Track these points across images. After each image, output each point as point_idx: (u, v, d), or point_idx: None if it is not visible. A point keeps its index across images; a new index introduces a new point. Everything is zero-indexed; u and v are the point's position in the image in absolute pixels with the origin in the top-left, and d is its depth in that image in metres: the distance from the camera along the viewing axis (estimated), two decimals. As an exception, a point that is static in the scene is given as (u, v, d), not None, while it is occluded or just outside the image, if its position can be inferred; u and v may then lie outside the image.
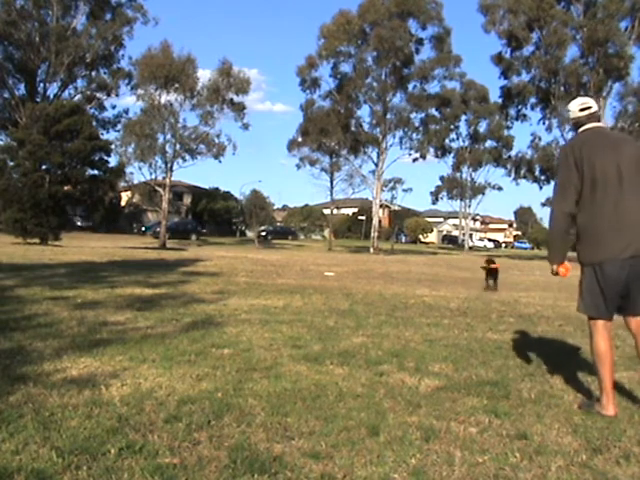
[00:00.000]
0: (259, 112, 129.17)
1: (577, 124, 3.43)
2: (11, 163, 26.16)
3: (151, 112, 33.86)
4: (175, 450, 2.42)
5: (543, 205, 43.91)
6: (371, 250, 37.29)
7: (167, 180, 34.69)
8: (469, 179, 58.01)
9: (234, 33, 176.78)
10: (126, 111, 41.75)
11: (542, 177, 36.87)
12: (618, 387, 3.60)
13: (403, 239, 66.58)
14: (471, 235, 69.85)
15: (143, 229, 48.40)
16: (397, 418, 2.96)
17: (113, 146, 30.41)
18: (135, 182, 38.99)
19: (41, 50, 36.88)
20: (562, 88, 32.24)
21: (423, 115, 39.60)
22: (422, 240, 67.64)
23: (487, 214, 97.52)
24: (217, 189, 59.70)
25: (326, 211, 56.90)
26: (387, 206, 64.18)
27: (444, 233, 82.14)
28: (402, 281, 12.54)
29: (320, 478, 2.25)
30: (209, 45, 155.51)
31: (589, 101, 3.47)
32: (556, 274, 3.47)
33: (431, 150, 42.91)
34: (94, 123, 32.67)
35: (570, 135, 33.37)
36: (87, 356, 3.92)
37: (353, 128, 39.66)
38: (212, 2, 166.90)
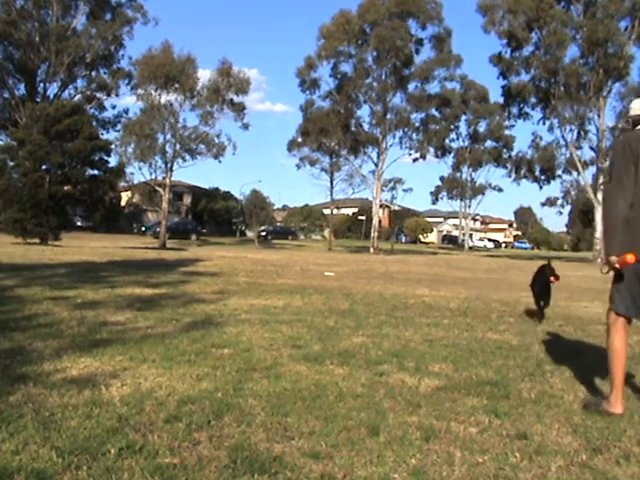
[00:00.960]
0: (259, 112, 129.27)
1: (637, 122, 3.42)
2: (11, 163, 26.20)
3: (151, 112, 33.87)
4: (175, 450, 2.42)
5: (543, 205, 43.79)
6: (371, 250, 37.29)
7: (167, 180, 34.71)
8: (469, 179, 58.03)
9: (234, 33, 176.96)
10: (126, 111, 41.88)
11: (542, 177, 36.85)
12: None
13: (403, 239, 66.59)
14: (471, 235, 69.85)
15: (143, 229, 48.41)
16: (397, 418, 2.96)
17: (113, 146, 30.47)
18: (135, 182, 39.03)
19: (41, 50, 36.91)
20: (562, 88, 32.21)
21: (423, 115, 39.65)
22: (422, 240, 67.66)
23: (487, 214, 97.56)
24: (217, 189, 59.73)
25: (326, 211, 56.91)
26: (387, 206, 64.16)
27: (444, 233, 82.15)
28: (402, 281, 12.53)
29: (320, 478, 2.25)
30: (209, 45, 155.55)
31: None
32: (622, 265, 3.14)
33: (431, 150, 42.96)
34: (94, 123, 32.70)
35: (570, 135, 33.39)
36: (87, 356, 3.92)
37: (353, 128, 39.66)
38: (212, 2, 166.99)
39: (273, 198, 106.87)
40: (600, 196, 32.34)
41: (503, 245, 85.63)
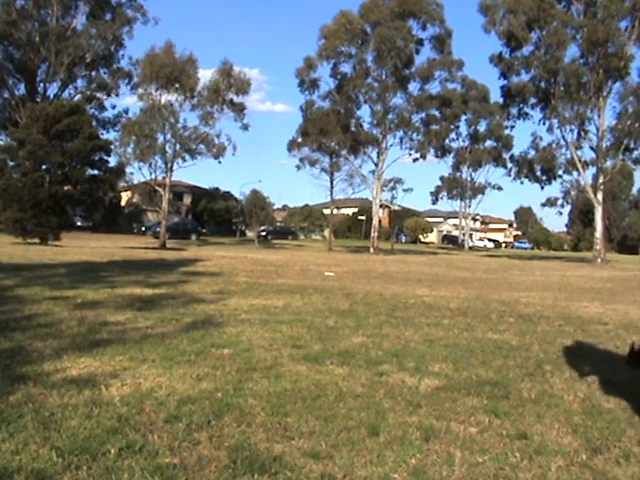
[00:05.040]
0: (260, 112, 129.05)
1: None
2: (11, 163, 26.19)
3: (151, 112, 33.85)
4: (175, 450, 2.42)
5: (543, 206, 43.57)
6: (371, 250, 37.27)
7: (167, 180, 34.69)
8: (469, 179, 58.02)
9: (236, 33, 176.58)
10: (126, 111, 41.84)
11: (544, 177, 36.76)
12: (619, 387, 3.61)
13: (403, 239, 66.58)
14: (471, 235, 69.82)
15: (143, 229, 48.40)
16: (397, 418, 2.96)
17: (113, 146, 30.44)
18: (135, 182, 38.94)
19: (41, 50, 36.89)
20: (562, 88, 32.18)
21: (424, 115, 39.61)
22: (422, 240, 67.65)
23: (487, 214, 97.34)
24: (217, 189, 59.77)
25: (326, 211, 56.90)
26: (387, 206, 64.14)
27: (444, 233, 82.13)
28: (402, 281, 12.53)
29: (320, 478, 2.25)
30: (210, 45, 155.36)
31: None
32: None
33: (431, 150, 42.82)
34: (94, 123, 32.67)
35: (570, 135, 33.35)
36: (87, 356, 3.92)
37: (353, 128, 39.60)
38: (213, 2, 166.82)
39: (273, 198, 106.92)
40: (600, 196, 32.33)
41: (503, 245, 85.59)
